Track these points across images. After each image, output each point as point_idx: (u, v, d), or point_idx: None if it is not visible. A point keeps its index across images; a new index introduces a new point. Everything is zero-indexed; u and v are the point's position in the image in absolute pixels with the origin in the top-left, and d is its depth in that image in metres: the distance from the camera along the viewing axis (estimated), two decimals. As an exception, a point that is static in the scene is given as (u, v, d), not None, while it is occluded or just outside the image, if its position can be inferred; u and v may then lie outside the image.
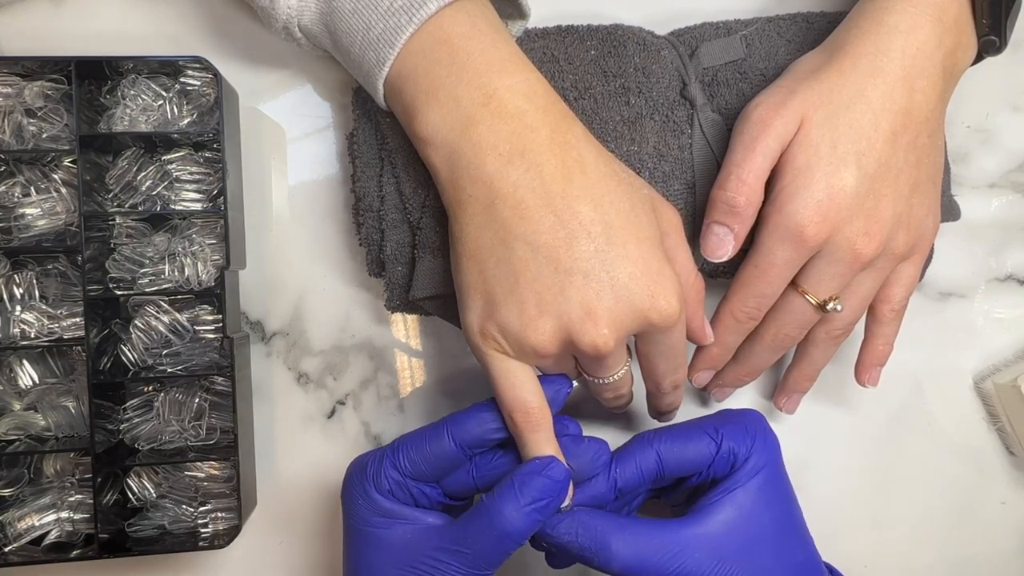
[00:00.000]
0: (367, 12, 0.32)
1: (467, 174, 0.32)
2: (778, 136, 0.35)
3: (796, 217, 0.34)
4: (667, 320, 0.32)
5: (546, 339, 0.32)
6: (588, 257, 0.31)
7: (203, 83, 0.41)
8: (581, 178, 0.32)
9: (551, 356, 0.33)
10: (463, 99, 0.32)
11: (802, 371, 0.41)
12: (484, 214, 0.32)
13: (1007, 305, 0.47)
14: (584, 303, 0.31)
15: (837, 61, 0.35)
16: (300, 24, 0.35)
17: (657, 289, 0.32)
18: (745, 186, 0.35)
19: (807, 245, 0.35)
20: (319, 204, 0.43)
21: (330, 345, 0.43)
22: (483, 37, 0.32)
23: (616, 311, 0.32)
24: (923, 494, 0.46)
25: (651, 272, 0.32)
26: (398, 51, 0.32)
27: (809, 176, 0.34)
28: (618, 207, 0.32)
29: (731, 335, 0.38)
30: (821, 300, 0.36)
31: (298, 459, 0.43)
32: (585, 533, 0.33)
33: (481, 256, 0.33)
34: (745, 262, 0.37)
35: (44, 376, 0.41)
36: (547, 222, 0.31)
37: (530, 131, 0.32)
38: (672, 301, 0.32)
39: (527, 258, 0.32)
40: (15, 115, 0.39)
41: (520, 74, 0.33)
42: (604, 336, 0.32)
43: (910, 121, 0.35)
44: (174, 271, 0.41)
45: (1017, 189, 0.47)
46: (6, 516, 0.40)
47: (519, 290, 0.32)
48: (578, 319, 0.32)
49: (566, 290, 0.31)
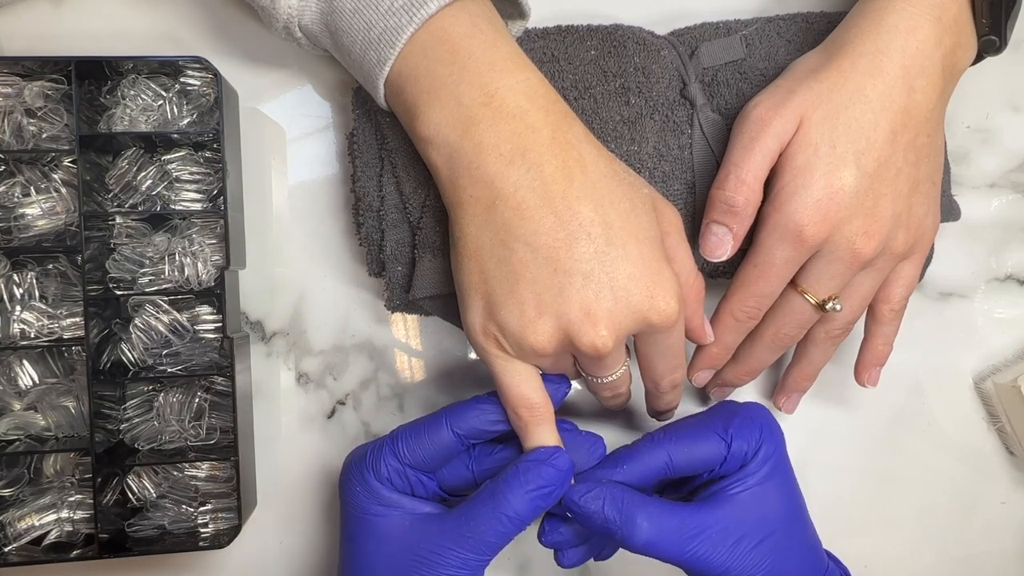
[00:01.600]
0: (368, 11, 0.32)
1: (468, 174, 0.32)
2: (777, 136, 0.35)
3: (795, 216, 0.34)
4: (666, 321, 0.32)
5: (545, 339, 0.32)
6: (588, 258, 0.32)
7: (203, 83, 0.41)
8: (582, 178, 0.32)
9: (550, 356, 0.33)
10: (464, 98, 0.32)
11: (802, 371, 0.41)
12: (485, 214, 0.32)
13: (1007, 305, 0.47)
14: (583, 304, 0.32)
15: (836, 61, 0.35)
16: (301, 24, 0.35)
17: (656, 290, 0.32)
18: (744, 185, 0.35)
19: (806, 244, 0.35)
20: (319, 204, 0.43)
21: (330, 345, 0.43)
22: (484, 36, 0.32)
23: (615, 312, 0.32)
24: (923, 494, 0.46)
25: (650, 273, 0.32)
26: (399, 51, 0.32)
27: (808, 175, 0.34)
28: (618, 207, 0.32)
29: (731, 335, 0.38)
30: (820, 300, 0.36)
31: (298, 459, 0.43)
32: (612, 504, 0.34)
33: (482, 256, 0.33)
34: (745, 262, 0.37)
35: (44, 376, 0.41)
36: (547, 223, 0.31)
37: (531, 131, 0.32)
38: (671, 302, 0.32)
39: (527, 259, 0.32)
40: (15, 115, 0.39)
41: (521, 73, 0.33)
42: (603, 337, 0.32)
43: (910, 120, 0.35)
44: (174, 271, 0.41)
45: (1017, 189, 0.47)
46: (6, 516, 0.40)
47: (519, 291, 0.32)
48: (577, 320, 0.32)
49: (565, 291, 0.32)
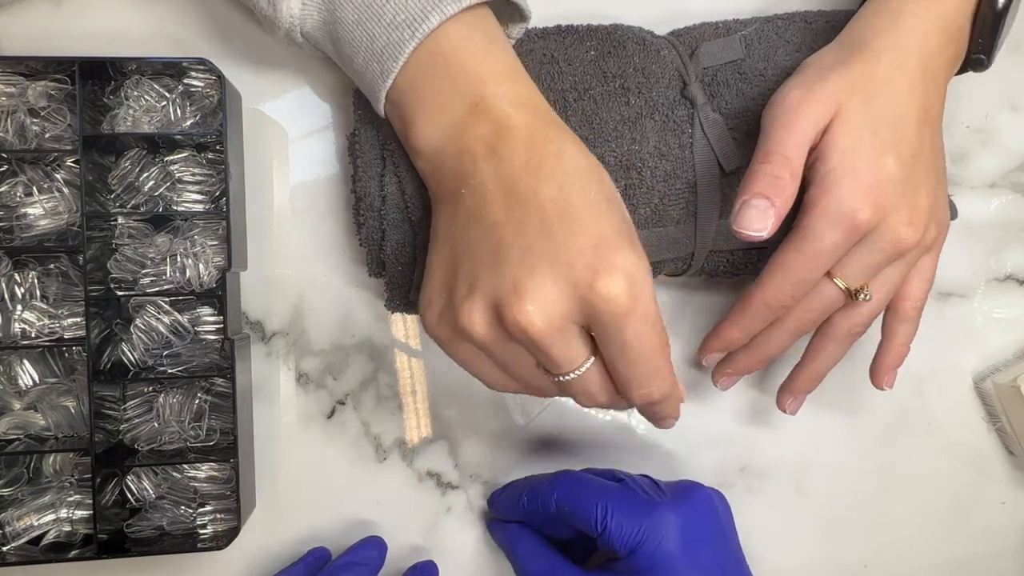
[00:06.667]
0: (370, 24, 0.32)
1: (449, 173, 0.32)
2: (815, 119, 0.34)
3: (848, 200, 0.33)
4: (612, 306, 0.28)
5: (473, 319, 0.29)
6: (532, 232, 0.29)
7: (206, 84, 0.41)
8: (554, 166, 0.30)
9: (486, 340, 0.30)
10: (452, 108, 0.32)
11: (814, 369, 0.40)
12: (455, 207, 0.32)
13: (1007, 305, 0.47)
14: (515, 278, 0.28)
15: (861, 53, 0.35)
16: (303, 31, 0.35)
17: (603, 266, 0.28)
18: (790, 161, 0.33)
19: (858, 230, 0.33)
20: (320, 204, 0.43)
21: (330, 345, 0.43)
22: (476, 48, 0.32)
23: (547, 287, 0.28)
24: (923, 494, 0.46)
25: (603, 247, 0.28)
26: (401, 65, 0.32)
27: (855, 159, 0.33)
28: (587, 193, 0.30)
29: (757, 321, 0.37)
30: (854, 288, 0.35)
31: (298, 459, 0.43)
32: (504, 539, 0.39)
33: (447, 247, 0.32)
34: (785, 249, 0.35)
35: (44, 376, 0.41)
36: (505, 204, 0.30)
37: (509, 131, 0.31)
38: (619, 283, 0.28)
39: (477, 240, 0.30)
40: (18, 115, 0.39)
41: (509, 84, 0.32)
42: (527, 313, 0.28)
43: (929, 116, 0.35)
44: (175, 272, 0.41)
45: (1017, 189, 0.47)
46: (5, 515, 0.39)
47: (460, 272, 0.30)
48: (505, 295, 0.28)
49: (500, 267, 0.29)
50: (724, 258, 0.40)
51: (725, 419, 0.46)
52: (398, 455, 0.44)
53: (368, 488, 0.44)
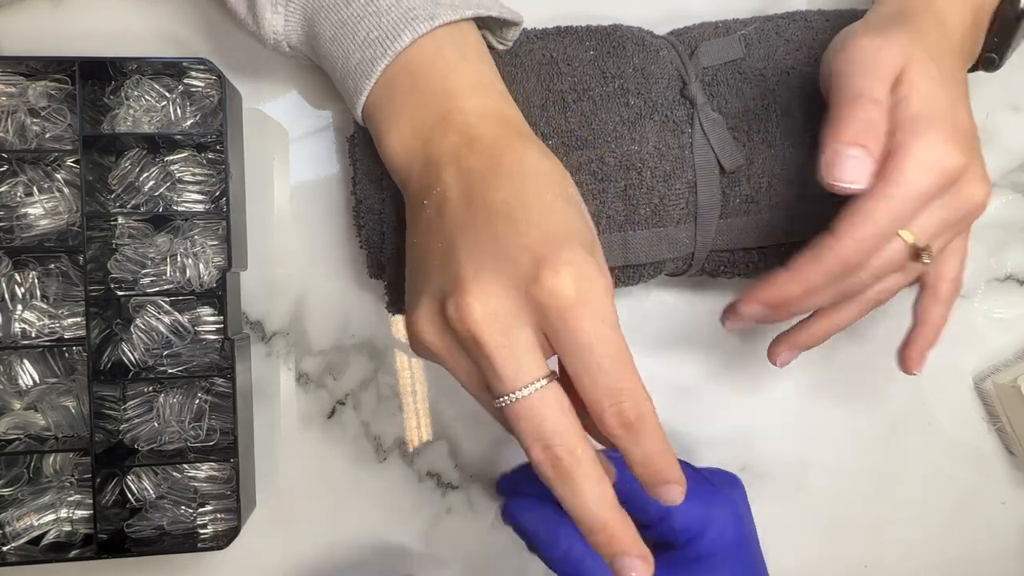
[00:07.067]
0: (346, 41, 0.33)
1: (416, 185, 0.32)
2: (894, 64, 0.32)
3: (941, 144, 0.31)
4: (556, 300, 0.26)
5: (423, 325, 0.28)
6: (482, 233, 0.28)
7: (207, 84, 0.41)
8: (512, 170, 0.29)
9: (439, 347, 0.29)
10: (418, 123, 0.32)
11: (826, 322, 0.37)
12: (420, 215, 0.31)
13: (1007, 305, 0.47)
14: (457, 276, 0.27)
15: (906, 19, 0.34)
16: (289, 44, 0.36)
17: (549, 256, 0.26)
18: (880, 104, 0.31)
19: (948, 177, 0.31)
20: (320, 204, 0.43)
21: (330, 345, 0.43)
22: (445, 64, 0.32)
23: (491, 282, 0.26)
24: (923, 494, 0.46)
25: (551, 243, 0.27)
26: (374, 82, 0.33)
27: (937, 105, 0.31)
28: (542, 195, 0.28)
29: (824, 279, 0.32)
30: (923, 245, 0.32)
31: (298, 459, 0.43)
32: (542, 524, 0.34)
33: (411, 257, 0.32)
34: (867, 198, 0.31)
35: (44, 376, 0.41)
36: (461, 209, 0.29)
37: (473, 141, 0.31)
38: (563, 276, 0.26)
39: (433, 248, 0.30)
40: (18, 114, 0.39)
41: (476, 98, 0.32)
42: (467, 305, 0.26)
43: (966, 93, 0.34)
44: (175, 272, 0.41)
45: (1017, 189, 0.47)
46: (5, 516, 0.40)
47: (417, 281, 0.30)
48: (449, 293, 0.27)
49: (447, 266, 0.28)
50: (725, 258, 0.40)
51: (725, 419, 0.46)
52: (398, 455, 0.44)
53: (368, 488, 0.44)
